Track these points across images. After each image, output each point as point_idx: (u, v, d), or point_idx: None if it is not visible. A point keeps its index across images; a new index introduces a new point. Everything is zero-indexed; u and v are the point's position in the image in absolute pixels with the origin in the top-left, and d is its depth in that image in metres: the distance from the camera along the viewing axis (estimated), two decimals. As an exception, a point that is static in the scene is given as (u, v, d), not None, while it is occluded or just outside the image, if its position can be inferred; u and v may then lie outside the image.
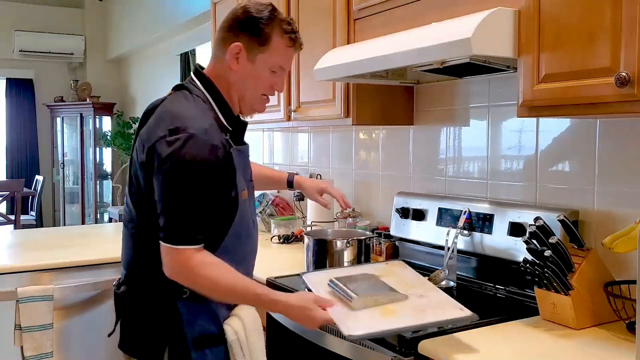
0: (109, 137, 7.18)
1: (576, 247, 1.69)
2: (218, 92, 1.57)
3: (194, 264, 1.43)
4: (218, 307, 1.55)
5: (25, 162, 7.64)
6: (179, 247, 1.43)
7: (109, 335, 1.69)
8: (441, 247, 2.15)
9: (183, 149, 1.41)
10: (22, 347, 2.37)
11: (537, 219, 1.71)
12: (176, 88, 1.61)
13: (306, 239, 2.17)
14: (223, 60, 1.56)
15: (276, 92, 1.65)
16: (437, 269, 2.11)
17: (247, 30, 1.53)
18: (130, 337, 1.60)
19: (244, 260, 1.59)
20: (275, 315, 2.07)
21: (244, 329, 1.54)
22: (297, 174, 2.08)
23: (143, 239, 1.54)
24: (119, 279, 1.65)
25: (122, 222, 1.65)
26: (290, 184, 2.04)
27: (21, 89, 7.52)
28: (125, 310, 1.62)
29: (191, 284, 1.47)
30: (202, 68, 1.63)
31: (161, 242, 1.45)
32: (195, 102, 1.54)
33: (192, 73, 1.63)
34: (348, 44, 2.28)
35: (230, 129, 1.57)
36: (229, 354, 1.53)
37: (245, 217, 1.58)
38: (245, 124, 1.65)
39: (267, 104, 1.66)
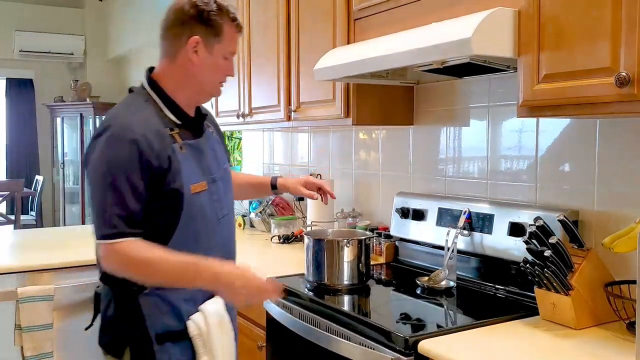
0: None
1: (576, 247, 1.69)
2: (162, 91, 1.63)
3: (121, 255, 1.48)
4: (181, 302, 1.58)
5: (25, 162, 7.62)
6: (104, 241, 1.48)
7: (86, 329, 1.76)
8: (441, 247, 2.15)
9: (97, 148, 1.50)
10: (22, 347, 2.37)
11: (537, 219, 1.71)
12: (129, 91, 1.70)
13: (306, 239, 2.17)
14: (176, 56, 1.62)
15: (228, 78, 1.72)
16: (437, 269, 2.11)
17: (201, 23, 1.59)
18: (101, 332, 1.65)
19: (206, 255, 1.56)
20: (276, 315, 2.08)
21: (207, 325, 1.58)
22: (280, 176, 2.10)
23: None
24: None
25: None
26: (274, 187, 2.06)
27: (21, 89, 7.51)
28: (98, 307, 1.68)
29: (126, 274, 1.51)
30: (153, 69, 1.69)
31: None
32: (133, 101, 1.62)
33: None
34: (348, 44, 2.27)
35: (180, 122, 1.63)
36: (193, 349, 1.58)
37: (201, 210, 1.59)
38: (195, 118, 1.70)
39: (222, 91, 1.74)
